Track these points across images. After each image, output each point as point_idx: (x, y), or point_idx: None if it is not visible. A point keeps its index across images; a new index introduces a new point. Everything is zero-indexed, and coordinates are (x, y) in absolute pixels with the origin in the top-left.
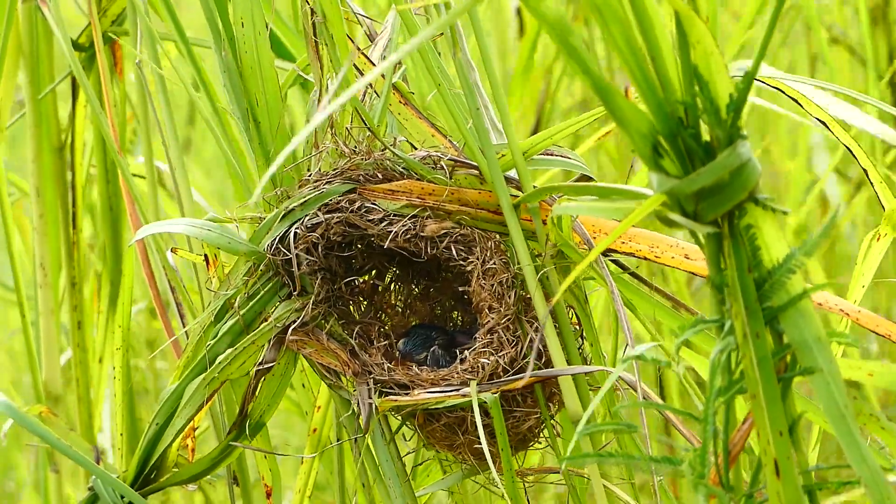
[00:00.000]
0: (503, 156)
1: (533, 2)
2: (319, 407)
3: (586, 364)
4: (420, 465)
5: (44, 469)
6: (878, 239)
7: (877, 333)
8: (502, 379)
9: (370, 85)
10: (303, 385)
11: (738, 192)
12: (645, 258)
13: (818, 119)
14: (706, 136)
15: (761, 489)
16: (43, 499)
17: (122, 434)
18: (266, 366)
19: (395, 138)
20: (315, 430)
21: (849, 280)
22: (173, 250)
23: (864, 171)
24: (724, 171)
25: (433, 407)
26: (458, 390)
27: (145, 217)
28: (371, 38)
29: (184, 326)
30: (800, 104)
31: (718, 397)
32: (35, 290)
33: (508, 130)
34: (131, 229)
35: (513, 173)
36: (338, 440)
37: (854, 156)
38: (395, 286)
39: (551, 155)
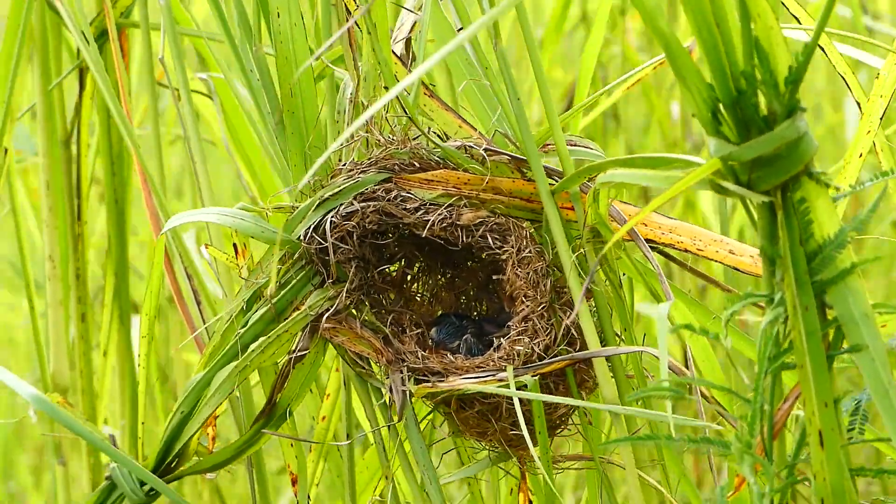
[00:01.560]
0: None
1: None
2: (329, 394)
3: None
4: (447, 452)
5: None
6: None
7: None
8: (538, 363)
9: (397, 80)
10: (310, 391)
11: (794, 164)
12: (686, 251)
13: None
14: (764, 109)
15: (804, 459)
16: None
17: (143, 423)
18: (300, 353)
19: (429, 128)
20: (325, 418)
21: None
22: (206, 246)
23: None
24: (782, 141)
25: (468, 393)
26: (494, 376)
27: (164, 209)
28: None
29: (202, 318)
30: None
31: (768, 368)
32: (44, 282)
33: (549, 106)
34: (148, 219)
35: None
36: (347, 437)
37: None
38: (422, 275)
39: (573, 145)
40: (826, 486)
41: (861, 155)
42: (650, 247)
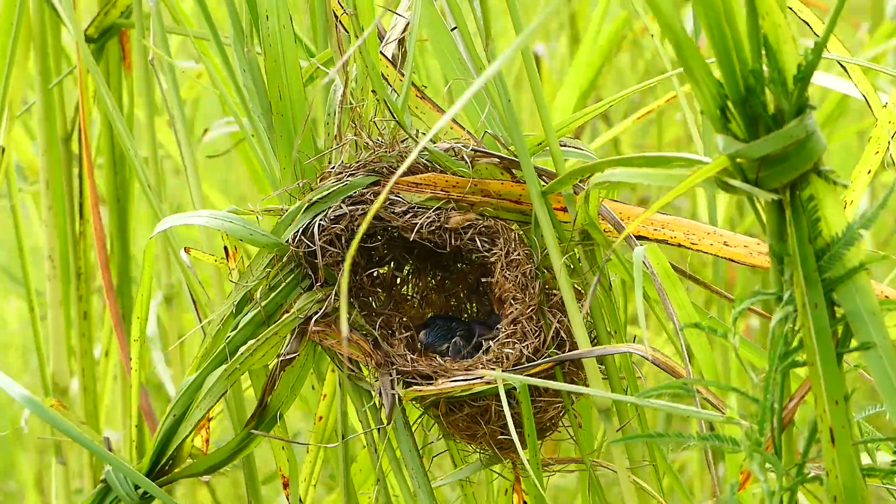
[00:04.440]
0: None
1: None
2: (325, 395)
3: None
4: (438, 455)
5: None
6: None
7: None
8: (526, 365)
9: (387, 82)
10: (312, 387)
11: (803, 163)
12: (680, 245)
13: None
14: (772, 108)
15: (814, 458)
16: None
17: (136, 426)
18: (289, 357)
19: (417, 131)
20: (321, 419)
21: None
22: (186, 250)
23: None
24: (791, 140)
25: (457, 396)
26: (483, 378)
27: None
28: (381, 36)
29: (199, 321)
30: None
31: (779, 365)
32: (43, 282)
33: (543, 112)
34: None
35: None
36: (342, 436)
37: None
38: (412, 278)
39: (564, 146)
40: (838, 484)
41: (869, 171)
42: (644, 243)
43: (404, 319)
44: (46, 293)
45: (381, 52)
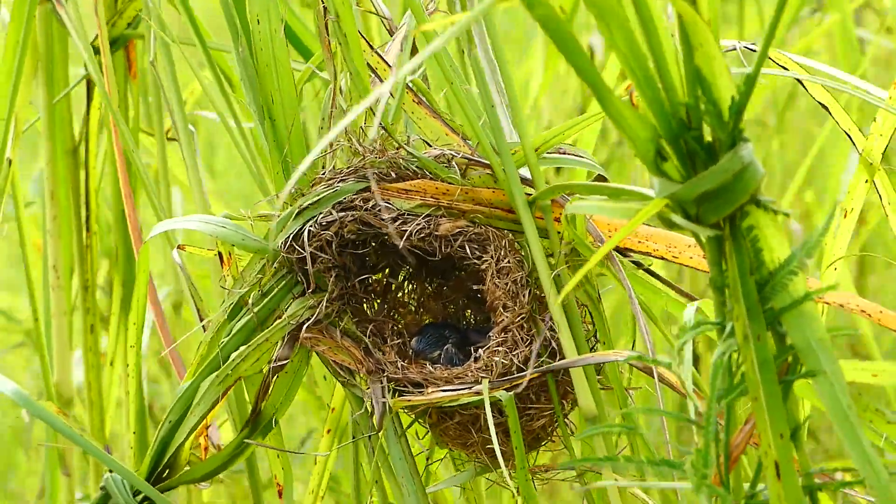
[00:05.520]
0: (515, 152)
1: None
2: (334, 409)
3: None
4: (433, 463)
5: (53, 472)
6: (845, 216)
7: None
8: (515, 375)
9: (382, 81)
10: (324, 377)
11: (739, 195)
12: (662, 258)
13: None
14: (708, 138)
15: (762, 490)
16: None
17: (134, 433)
18: (280, 363)
19: (409, 136)
20: (329, 431)
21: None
22: (180, 247)
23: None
24: (726, 174)
25: (447, 405)
26: (471, 388)
27: (158, 214)
28: (392, 33)
29: (199, 321)
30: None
31: (720, 400)
32: (47, 293)
33: (520, 126)
34: (131, 232)
35: (524, 173)
36: (353, 437)
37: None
38: (408, 284)
39: (564, 153)
40: None
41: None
42: (628, 255)
43: (398, 326)
44: (51, 303)
45: (382, 56)
